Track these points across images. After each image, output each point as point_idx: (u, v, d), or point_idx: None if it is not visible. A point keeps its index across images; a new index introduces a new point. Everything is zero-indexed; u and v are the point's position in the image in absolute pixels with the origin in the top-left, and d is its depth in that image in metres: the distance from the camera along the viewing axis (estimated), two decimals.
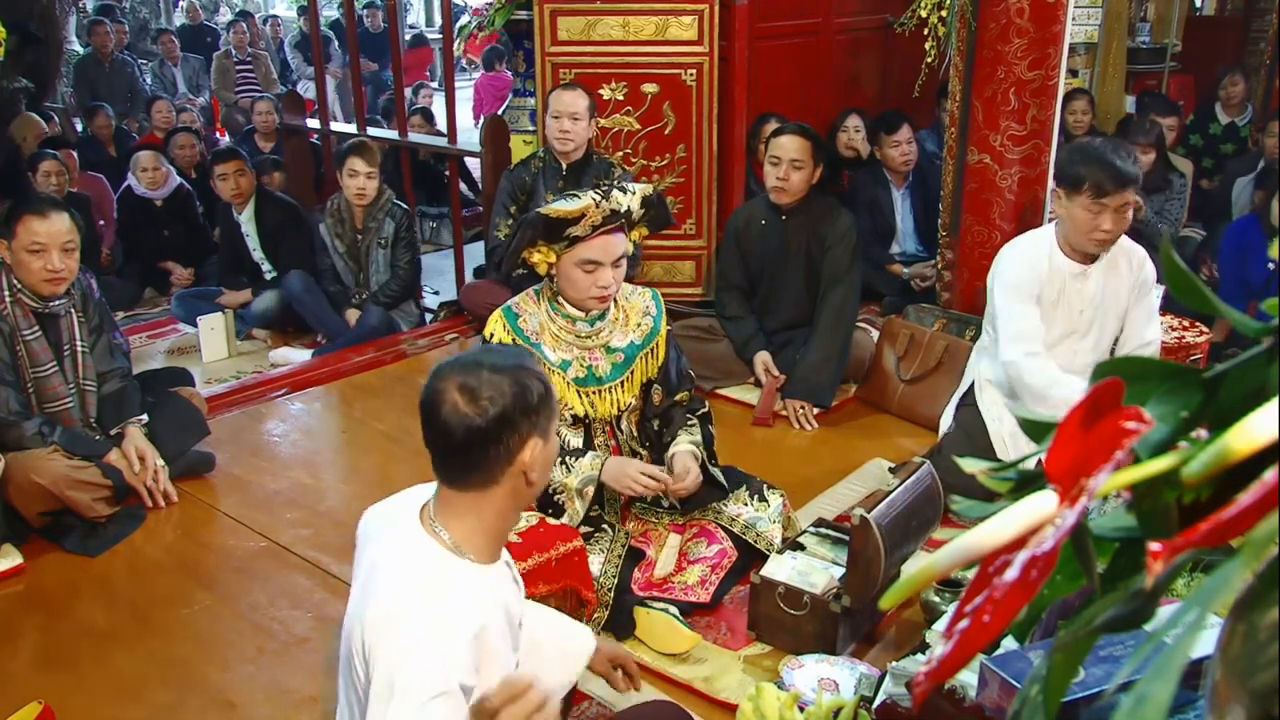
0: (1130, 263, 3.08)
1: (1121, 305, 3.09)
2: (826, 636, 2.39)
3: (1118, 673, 1.49)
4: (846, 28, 5.14)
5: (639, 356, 2.73)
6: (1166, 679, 0.45)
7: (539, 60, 4.34)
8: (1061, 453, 0.54)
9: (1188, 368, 0.59)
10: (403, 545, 1.57)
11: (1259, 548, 0.47)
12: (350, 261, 4.76)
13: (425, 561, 1.54)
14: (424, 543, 1.55)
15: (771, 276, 3.95)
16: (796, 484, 3.15)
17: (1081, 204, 2.88)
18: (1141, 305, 3.10)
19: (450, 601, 1.50)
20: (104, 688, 2.39)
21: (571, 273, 2.54)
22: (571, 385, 2.65)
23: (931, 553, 0.57)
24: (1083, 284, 3.05)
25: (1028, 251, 3.10)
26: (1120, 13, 6.58)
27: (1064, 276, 3.05)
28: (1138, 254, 3.09)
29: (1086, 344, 3.10)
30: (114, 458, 3.12)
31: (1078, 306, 3.06)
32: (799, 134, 3.75)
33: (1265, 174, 5.01)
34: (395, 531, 1.59)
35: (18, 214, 3.00)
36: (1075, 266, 3.04)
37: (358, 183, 4.57)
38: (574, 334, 2.66)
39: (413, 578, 1.52)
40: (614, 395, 2.70)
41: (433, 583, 1.51)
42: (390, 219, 4.71)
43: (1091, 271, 3.03)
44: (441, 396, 1.51)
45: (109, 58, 8.52)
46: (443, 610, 1.49)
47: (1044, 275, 3.06)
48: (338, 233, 4.72)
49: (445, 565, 1.54)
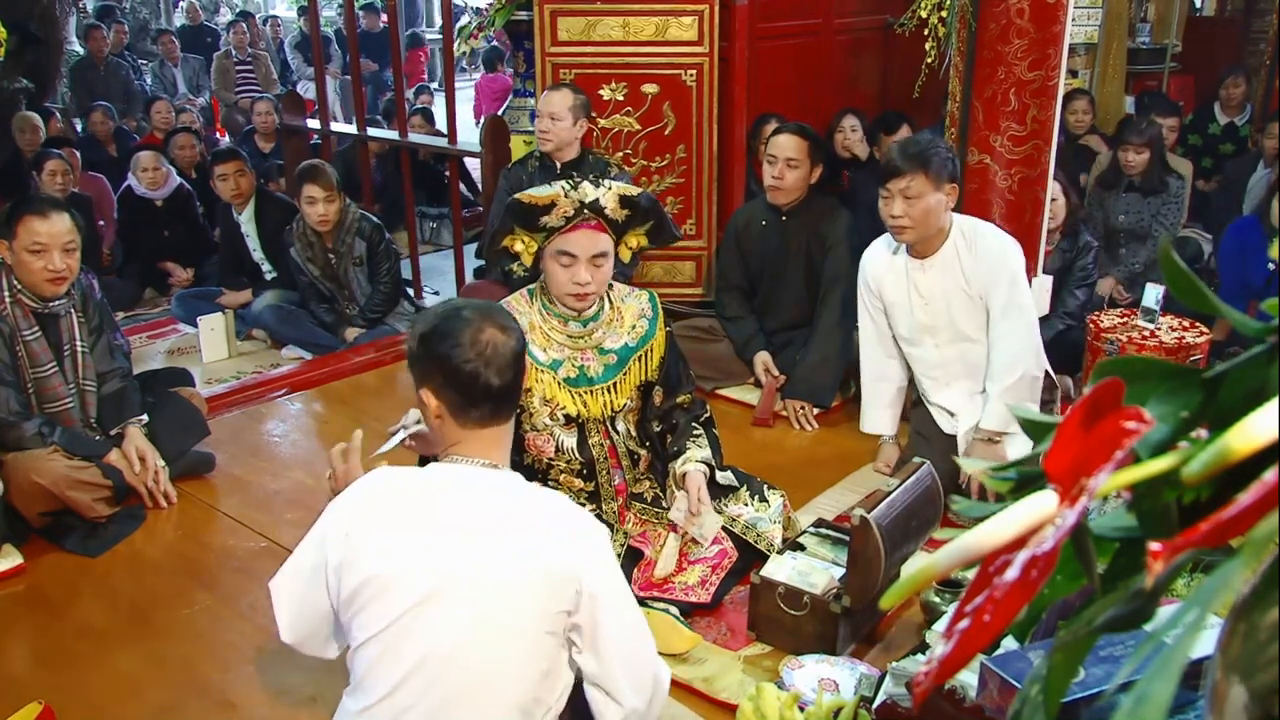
0: (973, 251, 3.02)
1: (967, 296, 3.04)
2: (826, 637, 2.39)
3: (1118, 673, 1.49)
4: (847, 28, 5.14)
5: (633, 359, 2.72)
6: (1166, 679, 0.45)
7: (539, 61, 4.34)
8: (1062, 453, 0.54)
9: (1188, 368, 0.59)
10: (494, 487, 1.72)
11: (1259, 548, 0.47)
12: (329, 282, 4.66)
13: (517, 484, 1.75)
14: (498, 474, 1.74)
15: (771, 277, 3.95)
16: (796, 484, 3.15)
17: (880, 193, 2.99)
18: (994, 301, 3.01)
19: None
20: (104, 688, 2.39)
21: (550, 265, 2.57)
22: (563, 385, 2.65)
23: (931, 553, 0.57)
24: (920, 279, 3.07)
25: (869, 254, 3.22)
26: (1120, 13, 6.59)
27: (903, 274, 3.09)
28: (984, 242, 3.02)
29: (942, 339, 3.11)
30: (114, 458, 3.12)
31: (919, 303, 3.08)
32: (796, 133, 3.75)
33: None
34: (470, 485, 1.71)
35: (19, 214, 2.99)
36: (914, 262, 3.07)
37: (317, 210, 4.44)
38: (566, 334, 2.66)
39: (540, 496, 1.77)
40: (606, 396, 2.69)
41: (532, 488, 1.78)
42: (360, 238, 4.59)
43: (930, 265, 3.05)
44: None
45: (103, 61, 8.53)
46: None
47: (881, 274, 3.14)
48: (309, 256, 4.61)
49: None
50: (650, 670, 1.77)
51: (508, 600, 1.61)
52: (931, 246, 3.04)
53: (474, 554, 1.62)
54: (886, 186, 2.96)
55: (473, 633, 1.61)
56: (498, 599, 1.61)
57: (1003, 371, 3.01)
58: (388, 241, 4.72)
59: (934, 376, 3.18)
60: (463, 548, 1.62)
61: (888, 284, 3.14)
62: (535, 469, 2.71)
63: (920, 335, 3.14)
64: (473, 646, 1.61)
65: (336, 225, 4.53)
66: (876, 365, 3.29)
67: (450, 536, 1.63)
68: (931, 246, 3.04)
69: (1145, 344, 3.47)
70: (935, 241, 3.03)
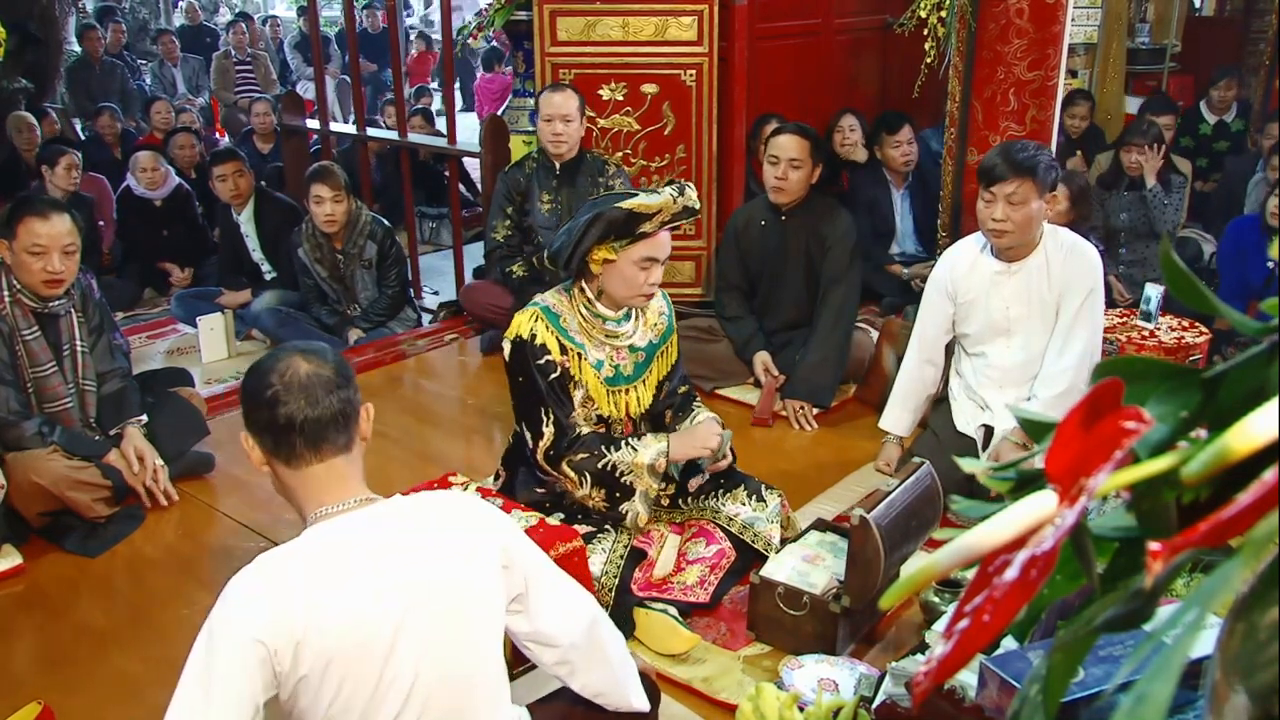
0: (1066, 262, 3.01)
1: (1049, 306, 3.04)
2: (826, 637, 2.39)
3: (1117, 673, 1.49)
4: (846, 28, 5.14)
5: (656, 354, 2.77)
6: (1166, 679, 0.45)
7: (539, 61, 4.34)
8: (1061, 452, 0.54)
9: (1187, 368, 0.59)
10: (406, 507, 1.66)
11: (1258, 547, 0.47)
12: (335, 283, 4.66)
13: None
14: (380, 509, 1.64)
15: (771, 277, 3.95)
16: (796, 484, 3.16)
17: (982, 196, 2.96)
18: (1066, 309, 3.01)
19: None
20: (104, 688, 2.39)
21: (627, 270, 2.55)
22: (603, 385, 2.66)
23: (931, 553, 0.57)
24: (1005, 283, 3.05)
25: (952, 252, 3.19)
26: (1120, 13, 6.59)
27: (987, 275, 3.07)
28: (1076, 251, 3.01)
29: (1015, 344, 3.10)
30: (113, 458, 3.12)
31: (999, 306, 3.07)
32: (797, 133, 3.75)
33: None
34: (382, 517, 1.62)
35: (19, 215, 2.99)
36: (998, 264, 3.05)
37: (325, 210, 4.44)
38: (604, 333, 2.67)
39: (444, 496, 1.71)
40: (636, 393, 2.72)
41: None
42: (372, 241, 4.58)
43: (1017, 269, 3.03)
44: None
45: (99, 61, 8.53)
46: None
47: (961, 274, 3.11)
48: (317, 257, 4.60)
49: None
50: (586, 612, 1.79)
51: (467, 610, 1.59)
52: (1023, 252, 3.02)
53: (418, 582, 1.55)
54: (990, 190, 2.93)
55: (447, 651, 1.58)
56: (459, 611, 1.58)
57: (1056, 379, 2.99)
58: (398, 245, 4.74)
59: (992, 377, 3.15)
60: (408, 580, 1.54)
61: (970, 283, 3.11)
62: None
63: (993, 336, 3.12)
64: (453, 664, 1.59)
65: (346, 226, 4.53)
66: (915, 369, 3.27)
67: (387, 580, 1.53)
68: (1023, 252, 3.02)
69: (1145, 344, 3.47)
70: (1028, 247, 3.02)
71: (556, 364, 2.56)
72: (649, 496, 2.60)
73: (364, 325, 4.66)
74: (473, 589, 1.61)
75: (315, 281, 4.66)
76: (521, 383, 2.58)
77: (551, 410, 2.55)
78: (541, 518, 2.47)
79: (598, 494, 2.58)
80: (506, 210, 4.23)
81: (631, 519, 2.60)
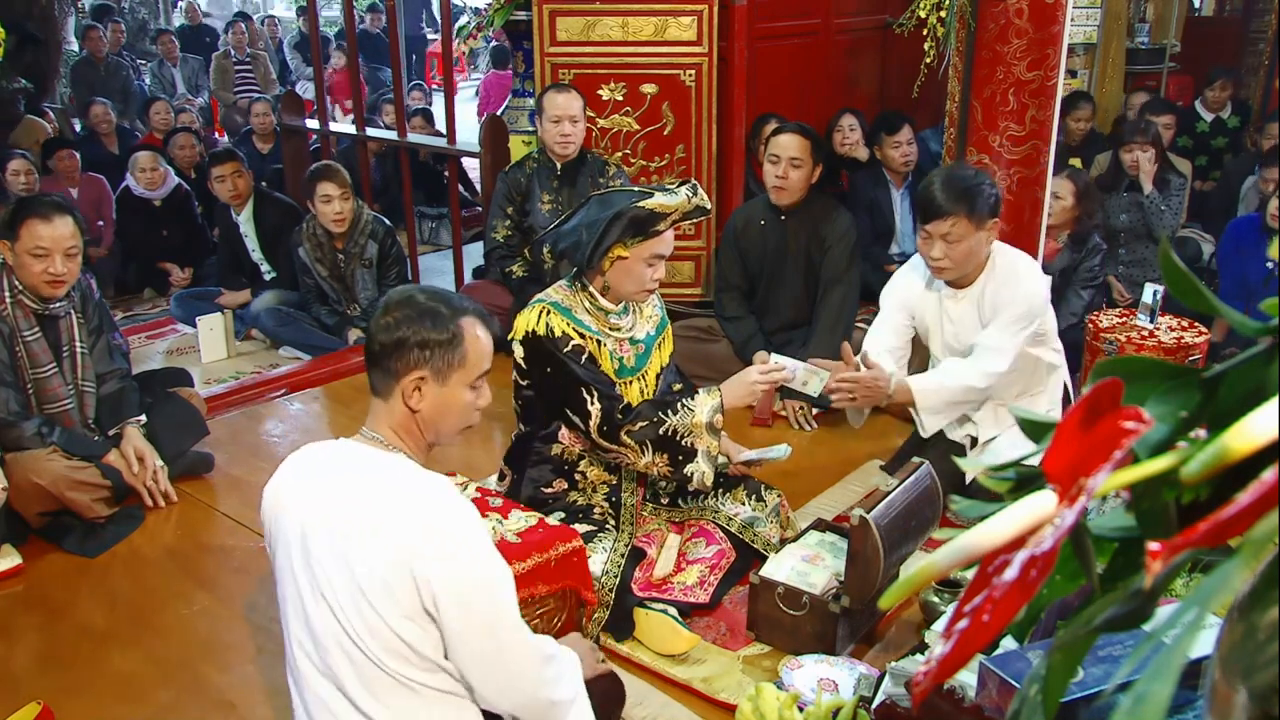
0: (999, 291, 2.93)
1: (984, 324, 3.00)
2: (826, 636, 2.39)
3: (1117, 673, 1.49)
4: (846, 28, 5.14)
5: (655, 345, 2.81)
6: (1165, 679, 0.45)
7: (538, 61, 4.34)
8: (1060, 452, 0.54)
9: (1186, 368, 0.59)
10: (349, 460, 1.69)
11: (1258, 547, 0.47)
12: (335, 283, 4.66)
13: (384, 463, 1.68)
14: (363, 450, 1.70)
15: (770, 277, 3.95)
16: (796, 484, 3.16)
17: (919, 232, 2.92)
18: (996, 321, 2.92)
19: (441, 487, 1.63)
20: (104, 688, 2.39)
21: (636, 266, 2.60)
22: (615, 375, 2.69)
23: (931, 553, 0.57)
24: (952, 307, 3.04)
25: (904, 277, 3.15)
26: (1119, 13, 6.59)
27: (935, 299, 3.06)
28: (1015, 284, 2.92)
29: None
30: (113, 458, 3.12)
31: (950, 330, 3.06)
32: (798, 133, 3.75)
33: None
34: (331, 460, 1.71)
35: (22, 216, 2.99)
36: (947, 290, 3.04)
37: (333, 208, 4.43)
38: (608, 326, 2.70)
39: (392, 480, 1.65)
40: (640, 384, 2.75)
41: (411, 478, 1.65)
42: (373, 240, 4.59)
43: (964, 295, 3.01)
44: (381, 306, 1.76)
45: (103, 60, 8.53)
46: (451, 496, 1.63)
47: (916, 296, 3.09)
48: (317, 257, 4.60)
49: (391, 459, 1.69)
50: (532, 695, 1.75)
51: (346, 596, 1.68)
52: (970, 278, 2.99)
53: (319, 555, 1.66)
54: (926, 228, 2.87)
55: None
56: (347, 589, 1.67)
57: (962, 363, 2.95)
58: (398, 245, 4.74)
59: None
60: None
61: (920, 308, 3.10)
62: (565, 459, 2.73)
63: (949, 355, 3.10)
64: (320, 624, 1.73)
65: (350, 225, 4.54)
66: (879, 340, 3.14)
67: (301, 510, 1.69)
68: (970, 278, 2.99)
69: (1144, 344, 3.47)
70: (975, 273, 2.98)
71: (583, 347, 2.59)
72: (711, 455, 2.58)
73: (364, 325, 4.66)
74: (365, 594, 1.60)
75: (315, 281, 4.66)
76: (550, 374, 2.58)
77: (594, 388, 2.55)
78: (541, 518, 2.46)
79: (660, 459, 2.56)
80: (507, 210, 4.23)
81: (698, 479, 2.58)
